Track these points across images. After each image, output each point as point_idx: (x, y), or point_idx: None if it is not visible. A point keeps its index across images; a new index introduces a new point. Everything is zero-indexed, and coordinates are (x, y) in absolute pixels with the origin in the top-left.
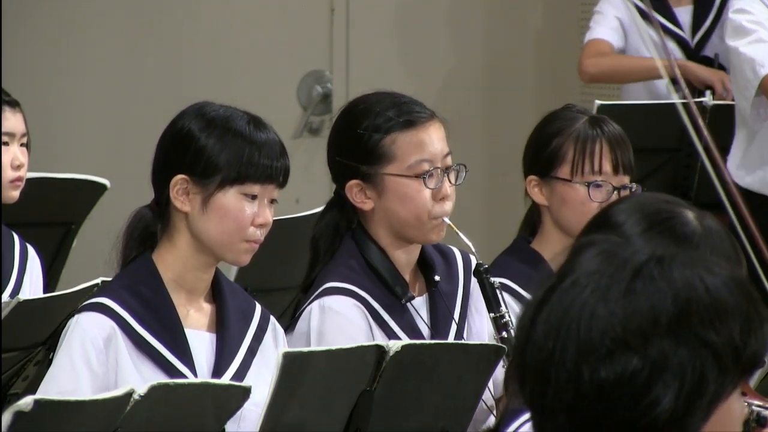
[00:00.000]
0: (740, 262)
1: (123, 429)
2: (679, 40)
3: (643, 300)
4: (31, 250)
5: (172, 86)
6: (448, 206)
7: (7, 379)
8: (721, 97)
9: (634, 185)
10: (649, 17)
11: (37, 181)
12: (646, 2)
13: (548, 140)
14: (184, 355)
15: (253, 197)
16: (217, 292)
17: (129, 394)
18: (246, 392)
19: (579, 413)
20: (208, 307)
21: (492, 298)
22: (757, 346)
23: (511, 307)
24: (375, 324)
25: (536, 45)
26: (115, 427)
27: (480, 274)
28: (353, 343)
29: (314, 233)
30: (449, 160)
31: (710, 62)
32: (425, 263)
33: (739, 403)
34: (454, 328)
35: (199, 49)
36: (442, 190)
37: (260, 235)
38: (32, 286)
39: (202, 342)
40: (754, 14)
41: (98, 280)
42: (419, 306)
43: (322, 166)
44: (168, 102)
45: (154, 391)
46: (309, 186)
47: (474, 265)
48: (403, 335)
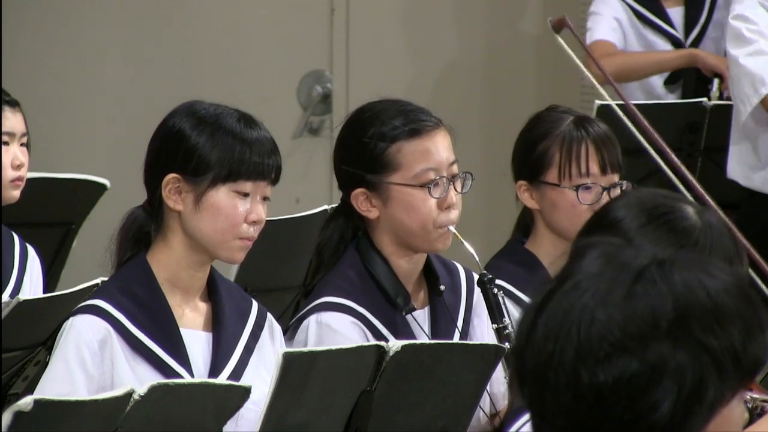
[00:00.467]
0: (741, 257)
1: (123, 429)
2: (674, 40)
3: (643, 304)
4: (31, 250)
5: (172, 86)
6: (454, 215)
7: (7, 379)
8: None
9: (624, 183)
10: (644, 17)
11: (37, 181)
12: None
13: (534, 144)
14: (180, 355)
15: (246, 195)
16: (213, 291)
17: (129, 395)
18: (246, 392)
19: (578, 416)
20: (203, 306)
21: (495, 309)
22: (758, 351)
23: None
24: (374, 340)
25: (536, 46)
26: (115, 428)
27: (484, 284)
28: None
29: (319, 240)
30: (455, 169)
31: None
32: (430, 273)
33: (739, 409)
34: (457, 337)
35: (199, 49)
36: (448, 199)
37: (254, 233)
38: (32, 286)
39: (198, 341)
40: (755, 22)
41: (98, 280)
42: (421, 318)
43: (322, 166)
44: (168, 102)
45: (154, 391)
46: (309, 186)
47: (477, 278)
48: None
